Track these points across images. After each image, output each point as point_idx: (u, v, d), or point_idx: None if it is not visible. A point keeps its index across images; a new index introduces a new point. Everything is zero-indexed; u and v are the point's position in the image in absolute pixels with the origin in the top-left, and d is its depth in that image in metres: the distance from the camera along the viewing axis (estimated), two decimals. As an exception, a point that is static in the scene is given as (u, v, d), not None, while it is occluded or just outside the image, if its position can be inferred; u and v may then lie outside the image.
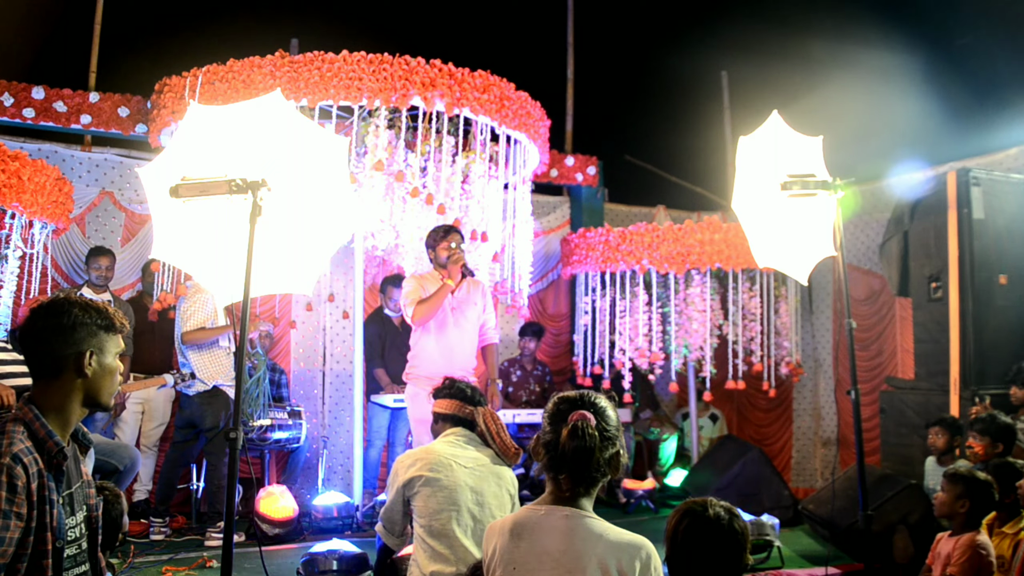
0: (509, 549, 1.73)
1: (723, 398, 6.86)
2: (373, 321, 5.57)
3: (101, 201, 5.57)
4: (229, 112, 2.65)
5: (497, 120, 4.70)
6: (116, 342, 1.82)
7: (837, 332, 6.81)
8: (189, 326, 4.44)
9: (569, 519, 1.72)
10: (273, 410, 4.90)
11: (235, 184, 2.45)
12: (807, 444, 7.15)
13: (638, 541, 1.70)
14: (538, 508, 1.77)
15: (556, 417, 1.77)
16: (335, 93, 4.29)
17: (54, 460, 1.68)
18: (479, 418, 2.74)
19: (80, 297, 1.87)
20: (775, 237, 3.44)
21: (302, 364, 5.98)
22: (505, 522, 1.79)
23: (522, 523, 1.76)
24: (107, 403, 1.81)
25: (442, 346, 4.13)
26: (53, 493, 1.65)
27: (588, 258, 6.10)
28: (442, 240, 4.17)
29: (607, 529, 1.71)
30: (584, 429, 1.70)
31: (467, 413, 2.77)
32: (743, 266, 5.73)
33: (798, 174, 3.19)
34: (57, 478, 1.69)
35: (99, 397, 1.78)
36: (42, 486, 1.63)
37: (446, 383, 2.92)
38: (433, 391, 2.92)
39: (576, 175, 7.15)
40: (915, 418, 4.89)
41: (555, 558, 1.68)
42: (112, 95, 5.58)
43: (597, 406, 1.77)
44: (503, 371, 6.21)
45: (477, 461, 2.67)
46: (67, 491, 1.73)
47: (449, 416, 2.82)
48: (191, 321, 4.45)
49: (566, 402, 1.79)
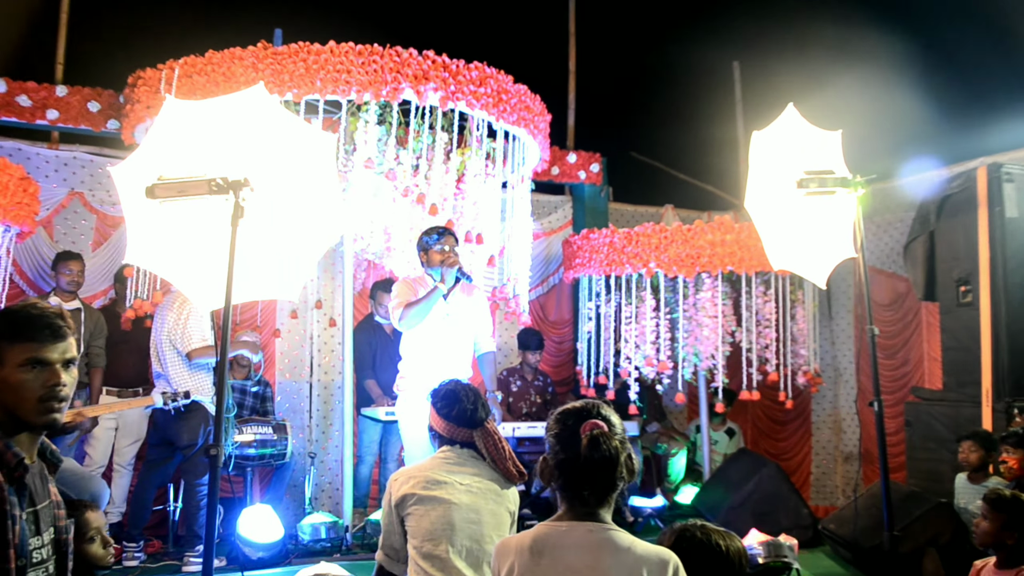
0: (529, 567, 1.76)
1: (736, 409, 6.84)
2: (363, 329, 5.56)
3: (70, 202, 5.57)
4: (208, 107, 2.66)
5: (494, 115, 4.71)
6: (26, 350, 1.69)
7: (858, 339, 6.82)
8: (195, 343, 4.42)
9: (593, 533, 1.75)
10: (257, 425, 4.90)
11: (215, 184, 2.46)
12: (827, 459, 7.14)
13: (665, 554, 1.74)
14: (558, 524, 1.80)
15: (565, 433, 1.80)
16: (321, 87, 4.30)
17: (15, 473, 1.66)
18: (478, 441, 2.72)
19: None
20: (791, 238, 3.45)
21: (287, 375, 5.98)
22: (523, 539, 1.81)
23: (543, 540, 1.78)
24: (32, 421, 1.70)
25: (435, 355, 4.13)
26: (15, 508, 1.63)
27: (592, 261, 6.10)
28: (436, 243, 4.17)
29: (634, 542, 1.75)
30: (603, 438, 1.74)
31: (466, 437, 2.74)
32: (757, 269, 5.72)
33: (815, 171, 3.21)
34: (19, 492, 1.67)
35: (17, 413, 1.68)
36: (2, 499, 1.62)
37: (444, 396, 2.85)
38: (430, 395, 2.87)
39: (579, 173, 7.15)
40: (944, 431, 4.88)
41: (582, 574, 1.71)
42: (81, 88, 5.57)
43: (604, 413, 1.81)
44: (502, 381, 6.23)
45: (476, 478, 2.67)
46: (31, 509, 1.72)
47: (447, 439, 2.79)
48: (196, 337, 4.42)
49: (572, 416, 1.82)
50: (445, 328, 4.17)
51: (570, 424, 1.80)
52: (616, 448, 1.74)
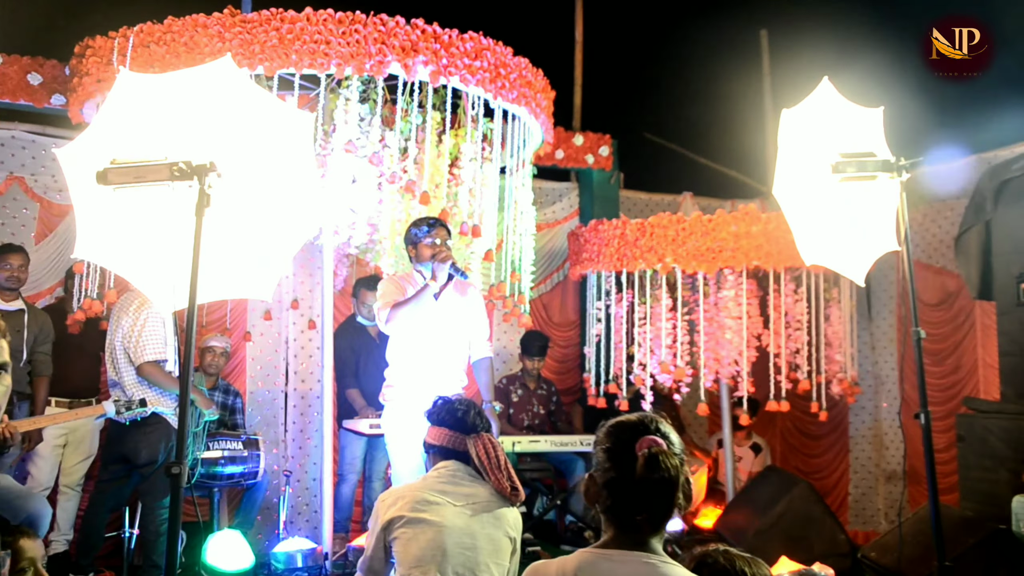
0: None
1: (763, 422, 6.86)
2: (345, 332, 5.57)
3: (9, 188, 5.57)
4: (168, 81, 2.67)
5: (491, 91, 4.71)
6: None
7: (902, 343, 6.84)
8: (148, 356, 4.43)
9: (650, 566, 1.74)
10: (225, 439, 4.91)
11: (177, 168, 2.46)
12: (867, 478, 7.15)
13: None
14: (606, 552, 1.78)
15: (618, 449, 1.79)
16: (297, 59, 4.29)
17: None
18: (471, 449, 2.74)
19: None
20: (825, 229, 3.44)
21: (260, 384, 5.99)
22: (564, 566, 1.80)
23: (590, 569, 1.77)
24: None
25: (426, 361, 4.15)
26: None
27: (601, 255, 6.12)
28: (426, 235, 4.18)
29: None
30: (661, 457, 1.73)
31: (459, 444, 2.77)
32: (786, 264, 5.73)
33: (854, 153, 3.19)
34: None
35: None
36: None
37: (436, 405, 2.91)
38: (426, 414, 2.92)
39: (586, 157, 7.16)
40: (1001, 447, 4.88)
41: None
42: (20, 58, 5.52)
43: (663, 429, 1.81)
44: (501, 390, 6.25)
45: (472, 499, 2.67)
46: None
47: (438, 448, 2.83)
48: (150, 350, 4.44)
49: (626, 429, 1.81)
50: (437, 331, 4.17)
51: (624, 439, 1.79)
52: (676, 469, 1.73)
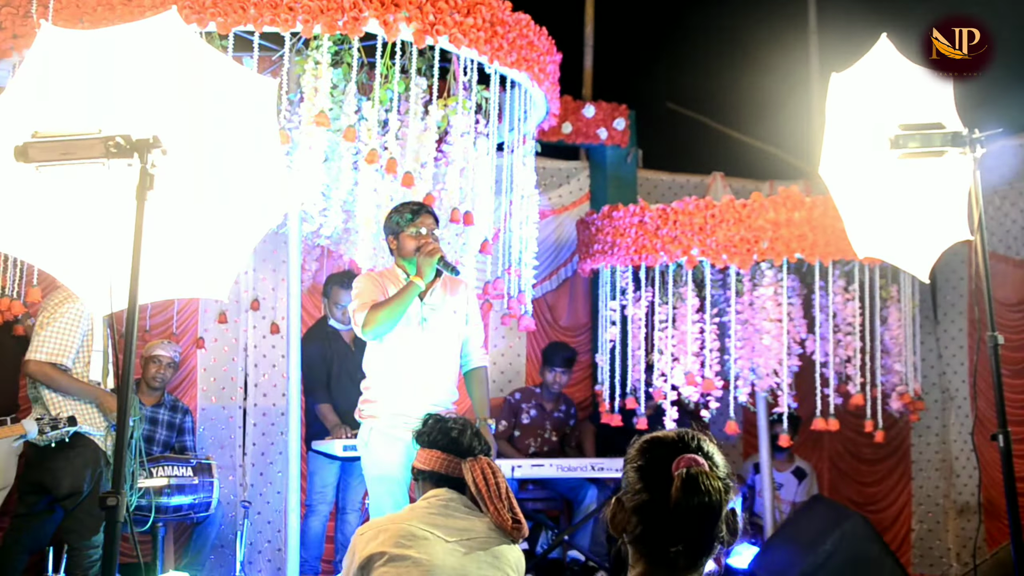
0: None
1: (808, 444, 6.84)
2: (315, 337, 5.57)
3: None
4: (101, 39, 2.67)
5: (486, 54, 4.70)
6: None
7: (975, 351, 6.80)
8: (41, 355, 4.39)
9: None
10: (172, 465, 4.90)
11: (114, 144, 2.46)
12: (934, 511, 7.14)
13: None
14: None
15: (652, 468, 1.77)
16: (256, 14, 4.25)
17: None
18: (467, 474, 2.74)
19: None
20: (882, 215, 3.44)
21: (214, 399, 6.01)
22: None
23: None
24: None
25: (410, 372, 4.15)
26: None
27: (616, 247, 6.10)
28: (409, 223, 4.18)
29: None
30: (702, 479, 1.70)
31: (453, 469, 2.78)
32: (835, 257, 5.72)
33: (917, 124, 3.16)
34: None
35: None
36: None
37: (427, 424, 2.91)
38: (415, 435, 2.92)
39: (598, 131, 7.16)
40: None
41: None
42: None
43: (705, 448, 1.79)
44: (511, 406, 6.26)
45: (467, 534, 2.67)
46: None
47: (429, 474, 2.83)
48: (45, 349, 4.40)
49: (661, 446, 1.79)
50: (423, 337, 4.17)
51: (659, 457, 1.77)
52: (719, 493, 1.71)
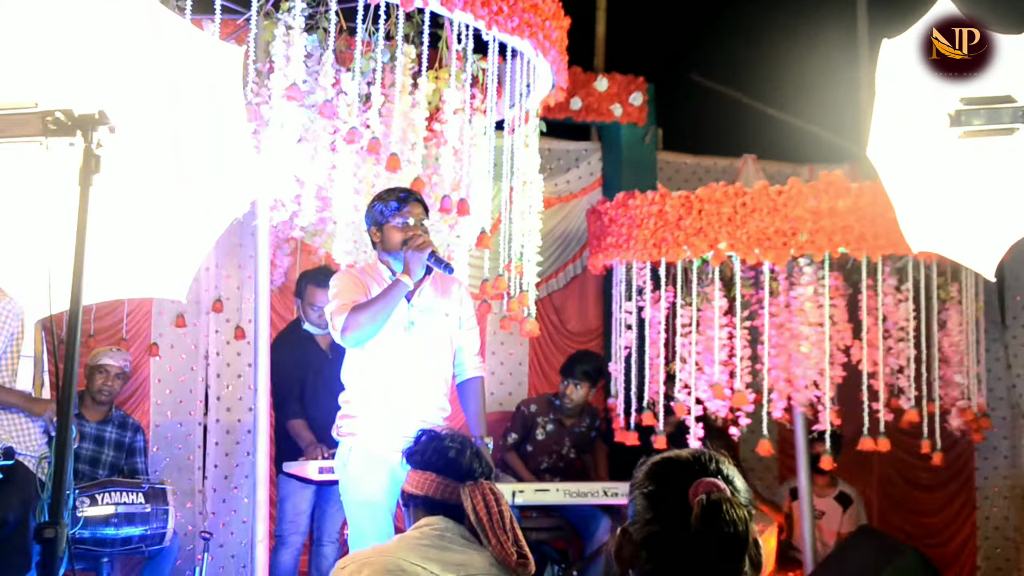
0: None
1: (854, 466, 6.80)
2: (287, 343, 5.55)
3: None
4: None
5: (484, 18, 4.68)
6: None
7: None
8: None
9: None
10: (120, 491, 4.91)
11: (53, 120, 2.42)
12: (1004, 545, 7.20)
13: None
14: None
15: (664, 495, 1.74)
16: (220, -28, 4.32)
17: None
18: (466, 500, 2.72)
19: None
20: (940, 204, 3.42)
21: (169, 414, 6.05)
22: None
23: None
24: None
25: (396, 383, 4.16)
26: None
27: (632, 240, 6.08)
28: (395, 213, 4.18)
29: None
30: (725, 506, 1.67)
31: (450, 495, 2.76)
32: (885, 251, 5.68)
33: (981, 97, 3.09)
34: None
35: None
36: None
37: (419, 442, 2.89)
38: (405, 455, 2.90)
39: (612, 107, 7.17)
40: None
41: None
42: None
43: (725, 471, 1.76)
44: (526, 418, 6.28)
45: (465, 569, 2.64)
46: None
47: (422, 500, 2.81)
48: None
49: (675, 469, 1.76)
50: (410, 343, 4.19)
51: (673, 481, 1.73)
52: (744, 523, 1.67)
